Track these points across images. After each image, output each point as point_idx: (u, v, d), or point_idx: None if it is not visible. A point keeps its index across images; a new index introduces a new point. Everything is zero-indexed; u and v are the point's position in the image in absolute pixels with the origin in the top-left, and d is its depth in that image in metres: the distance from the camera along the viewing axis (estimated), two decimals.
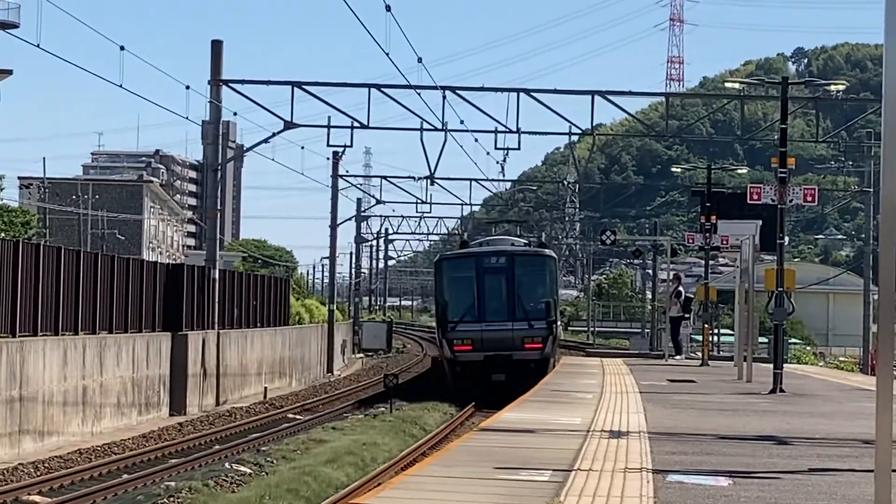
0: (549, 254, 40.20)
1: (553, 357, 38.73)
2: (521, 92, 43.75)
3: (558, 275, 42.35)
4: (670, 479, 11.89)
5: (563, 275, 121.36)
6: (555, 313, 38.96)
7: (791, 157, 27.62)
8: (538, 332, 37.49)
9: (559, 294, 44.04)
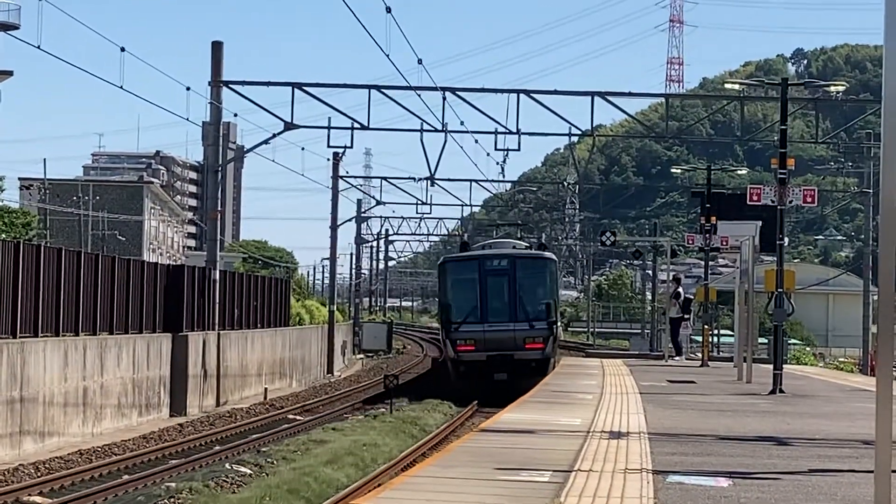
0: (549, 256, 40.88)
1: (553, 357, 39.36)
2: (521, 93, 43.78)
3: (558, 277, 43.16)
4: (670, 479, 11.91)
5: (562, 276, 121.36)
6: (555, 314, 39.72)
7: (791, 158, 27.63)
8: (539, 332, 38.15)
9: (559, 295, 45.11)
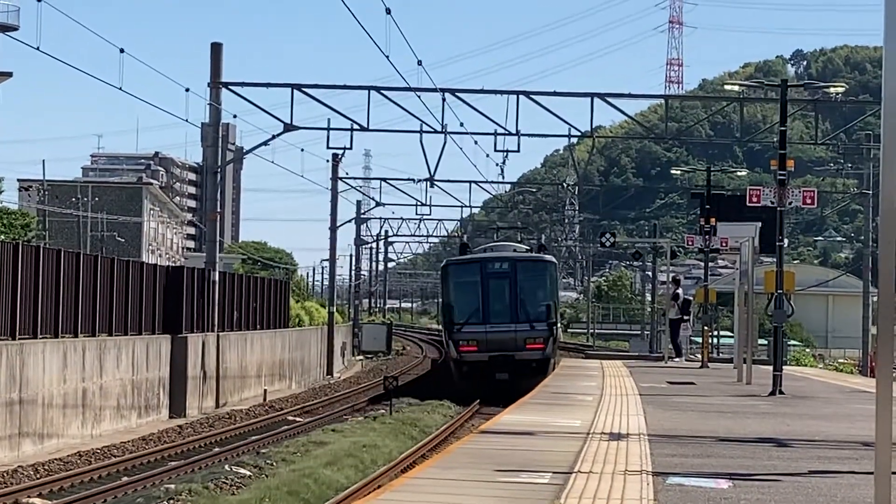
0: (549, 259, 41.70)
1: (553, 357, 40.05)
2: (520, 94, 43.81)
3: (558, 279, 43.95)
4: (670, 481, 11.90)
5: (562, 277, 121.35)
6: (555, 315, 40.51)
7: (790, 160, 27.63)
8: (539, 333, 38.90)
9: (559, 297, 46.10)
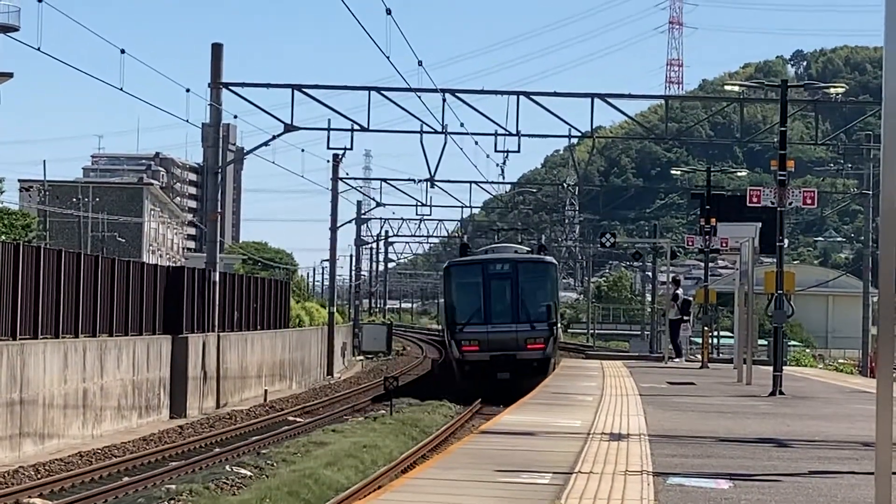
0: (550, 260, 42.33)
1: (554, 357, 40.49)
2: (520, 94, 43.83)
3: (559, 280, 44.56)
4: (671, 481, 11.91)
5: (562, 277, 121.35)
6: (555, 316, 41.01)
7: (790, 160, 27.64)
8: (540, 333, 39.45)
9: (559, 298, 46.87)
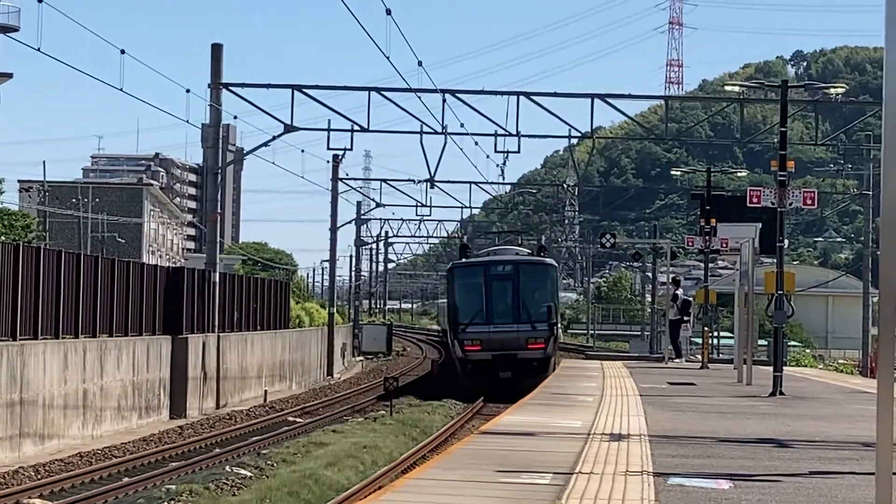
0: (550, 262, 43.20)
1: (554, 356, 41.07)
2: (520, 95, 43.84)
3: (559, 281, 45.37)
4: (671, 482, 11.91)
5: (562, 278, 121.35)
6: (555, 316, 41.65)
7: (790, 160, 27.64)
8: (541, 333, 40.10)
9: (559, 299, 47.86)
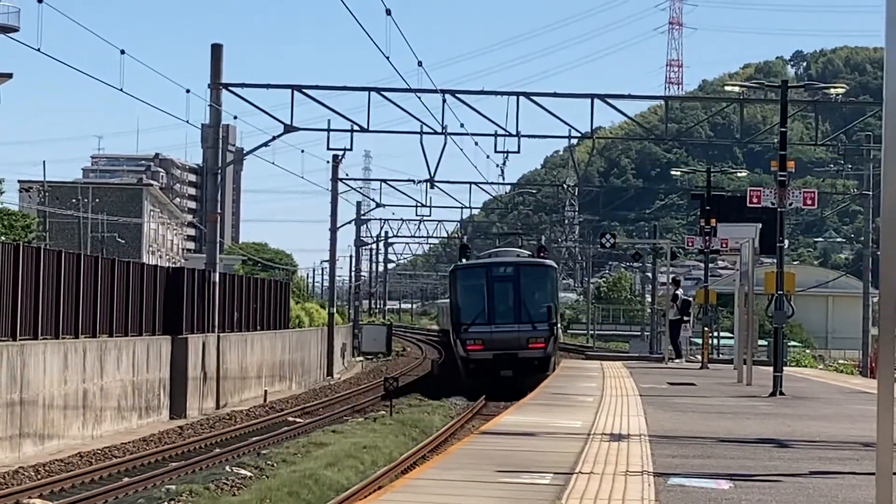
0: (550, 264, 43.99)
1: (554, 355, 41.77)
2: (520, 95, 43.84)
3: (559, 282, 46.32)
4: (671, 482, 11.91)
5: (562, 278, 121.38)
6: (555, 316, 42.39)
7: (790, 161, 27.64)
8: (541, 333, 40.87)
9: (559, 299, 48.90)
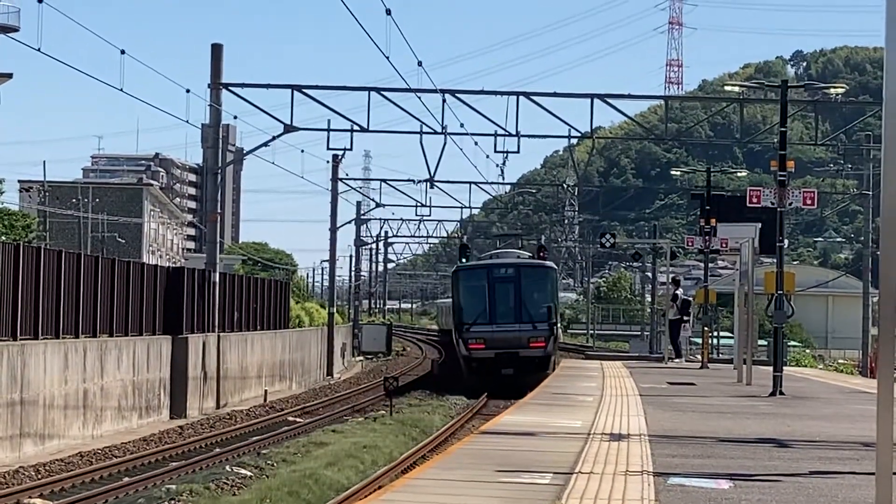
0: (550, 265, 44.73)
1: (554, 355, 42.43)
2: (520, 95, 43.84)
3: (558, 283, 47.13)
4: (671, 482, 11.92)
5: (562, 278, 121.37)
6: (555, 316, 43.08)
7: (790, 160, 27.64)
8: (541, 332, 41.59)
9: (559, 300, 49.83)
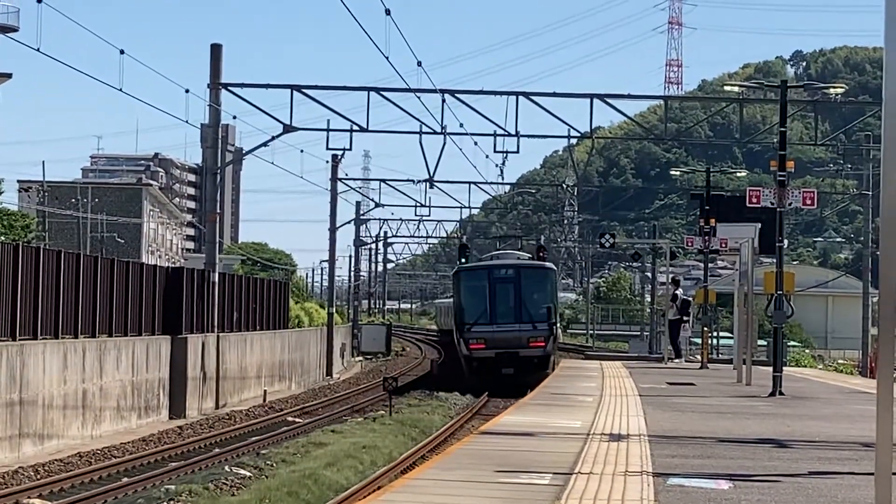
0: (550, 266, 45.30)
1: (553, 354, 42.96)
2: (520, 95, 43.83)
3: (558, 284, 47.78)
4: (671, 482, 11.91)
5: (561, 278, 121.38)
6: (555, 317, 43.60)
7: (790, 160, 27.63)
8: (541, 332, 42.15)
9: (559, 300, 50.44)
